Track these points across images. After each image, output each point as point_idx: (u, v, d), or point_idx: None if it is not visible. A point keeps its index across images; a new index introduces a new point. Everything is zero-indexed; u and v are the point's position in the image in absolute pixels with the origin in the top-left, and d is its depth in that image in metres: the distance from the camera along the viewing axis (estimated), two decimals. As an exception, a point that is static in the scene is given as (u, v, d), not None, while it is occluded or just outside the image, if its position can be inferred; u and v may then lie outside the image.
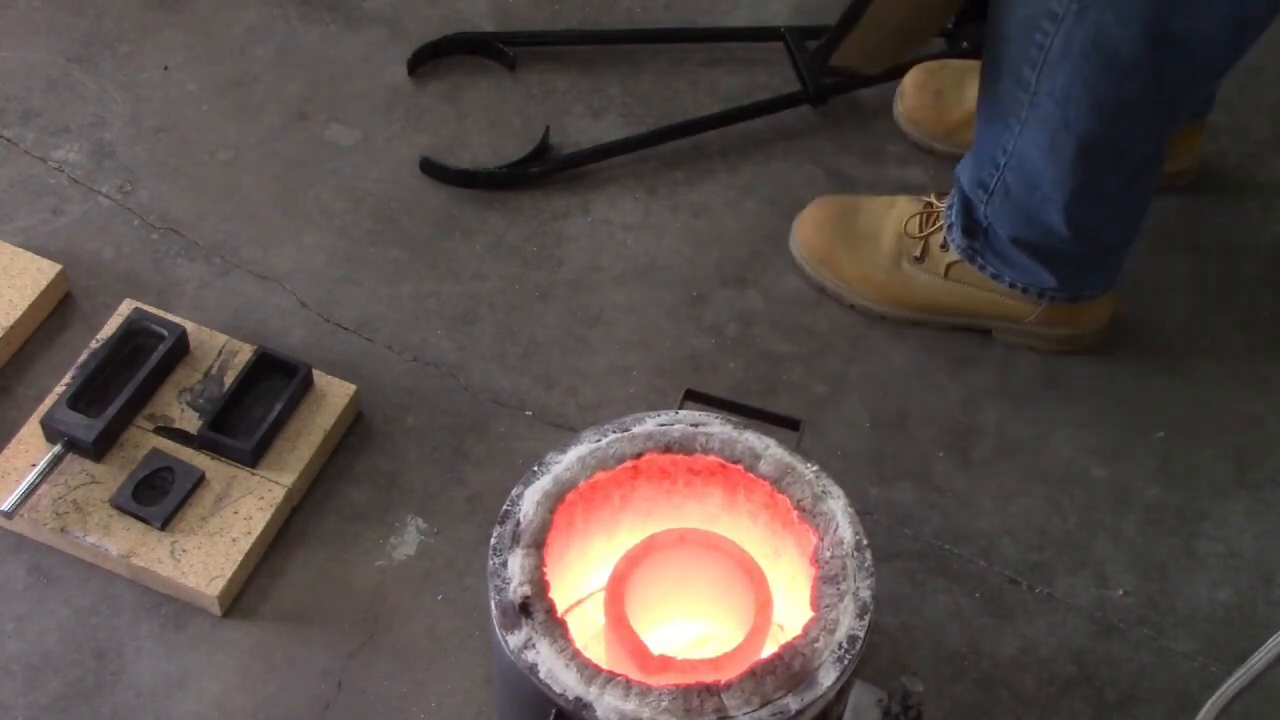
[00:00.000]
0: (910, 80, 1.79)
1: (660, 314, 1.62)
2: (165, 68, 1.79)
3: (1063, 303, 1.56)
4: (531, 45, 1.85)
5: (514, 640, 1.06)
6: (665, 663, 1.09)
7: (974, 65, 1.58)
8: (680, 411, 1.20)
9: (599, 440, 1.17)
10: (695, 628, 1.25)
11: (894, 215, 1.61)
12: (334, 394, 1.49)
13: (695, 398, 1.25)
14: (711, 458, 1.17)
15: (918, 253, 1.58)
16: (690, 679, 1.05)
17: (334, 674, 1.35)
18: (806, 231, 1.64)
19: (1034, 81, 1.36)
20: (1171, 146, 1.70)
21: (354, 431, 1.51)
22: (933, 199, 1.60)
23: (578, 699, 1.03)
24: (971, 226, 1.53)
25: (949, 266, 1.57)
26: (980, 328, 1.61)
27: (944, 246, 1.57)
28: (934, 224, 1.58)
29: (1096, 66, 1.31)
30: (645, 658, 1.09)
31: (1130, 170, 1.43)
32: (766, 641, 1.14)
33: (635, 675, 1.06)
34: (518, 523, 1.12)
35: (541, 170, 1.72)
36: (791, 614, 1.17)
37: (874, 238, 1.61)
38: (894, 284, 1.59)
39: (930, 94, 1.75)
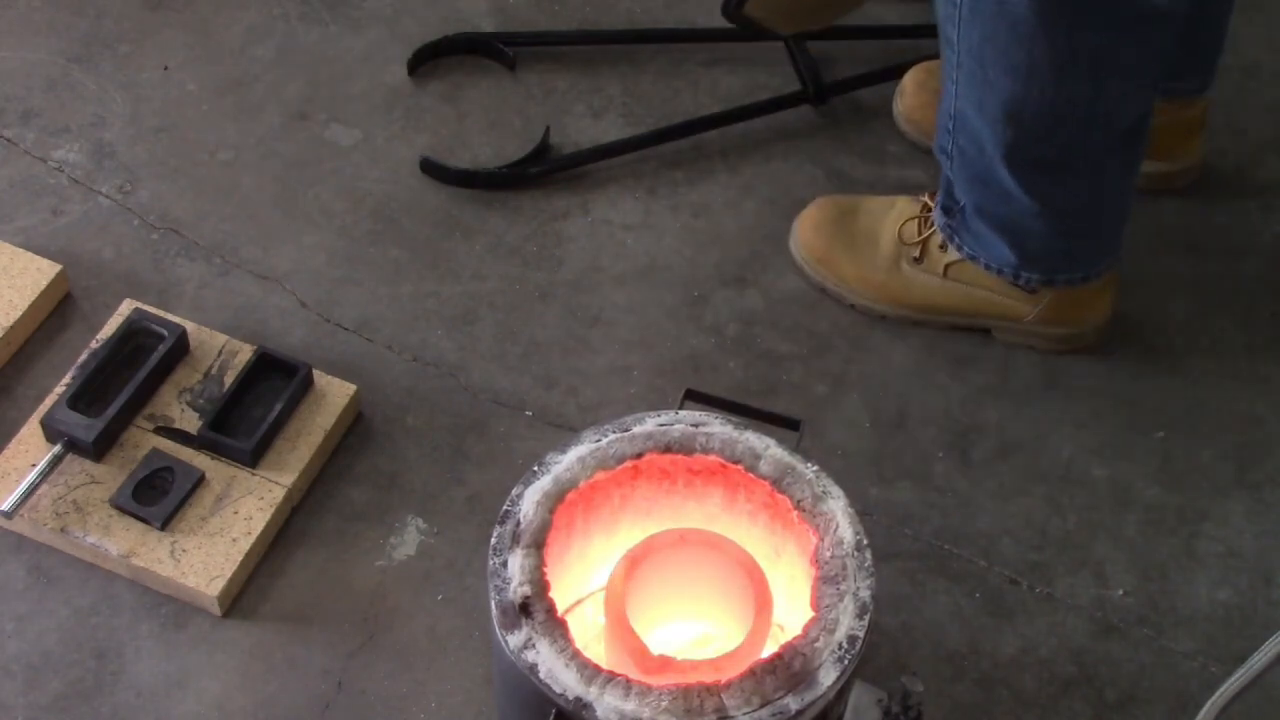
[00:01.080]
0: (910, 79, 1.79)
1: (660, 314, 1.62)
2: (165, 68, 1.79)
3: (1040, 285, 1.55)
4: (531, 45, 1.85)
5: (514, 640, 1.06)
6: (665, 663, 1.09)
7: None
8: (680, 411, 1.20)
9: (599, 440, 1.17)
10: (695, 628, 1.25)
11: (892, 216, 1.61)
12: (334, 394, 1.49)
13: (695, 398, 1.25)
14: (711, 458, 1.17)
15: (916, 253, 1.58)
16: (690, 679, 1.05)
17: (334, 674, 1.35)
18: (806, 232, 1.64)
19: (955, 39, 1.38)
20: (1171, 146, 1.70)
21: (354, 431, 1.51)
22: (928, 199, 1.60)
23: (578, 699, 1.03)
24: (949, 204, 1.54)
25: (947, 266, 1.57)
26: (980, 327, 1.61)
27: (942, 247, 1.57)
28: (931, 225, 1.58)
29: (1001, 25, 1.33)
30: (645, 658, 1.09)
31: (1067, 137, 1.42)
32: (766, 642, 1.14)
33: (635, 675, 1.06)
34: (518, 523, 1.12)
35: (541, 170, 1.72)
36: (791, 614, 1.17)
37: (873, 239, 1.61)
38: (893, 284, 1.60)
39: (930, 93, 1.75)
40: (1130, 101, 1.42)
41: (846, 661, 1.06)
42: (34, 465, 1.40)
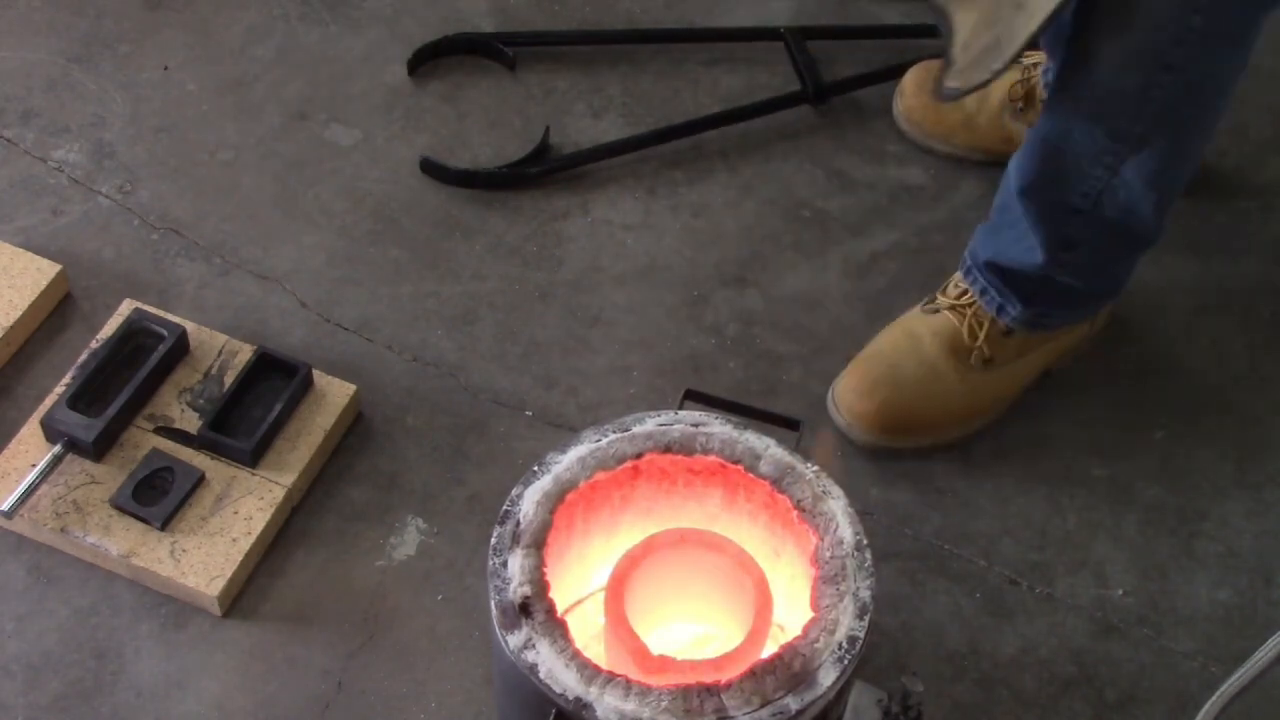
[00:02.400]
0: (910, 79, 1.79)
1: (660, 314, 1.62)
2: (165, 68, 1.79)
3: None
4: (531, 45, 1.85)
5: (514, 640, 1.06)
6: (665, 663, 1.09)
7: None
8: (680, 411, 1.20)
9: (599, 440, 1.17)
10: (695, 628, 1.25)
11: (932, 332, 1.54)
12: (334, 394, 1.49)
13: (695, 398, 1.25)
14: (711, 458, 1.16)
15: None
16: (690, 679, 1.05)
17: (334, 674, 1.35)
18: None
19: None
20: None
21: (354, 431, 1.51)
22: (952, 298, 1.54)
23: (578, 699, 1.03)
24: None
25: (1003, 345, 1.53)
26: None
27: (1004, 333, 1.52)
28: (981, 324, 1.52)
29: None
30: (645, 658, 1.09)
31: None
32: (766, 642, 1.14)
33: (635, 675, 1.06)
34: (518, 523, 1.12)
35: (541, 170, 1.72)
36: (791, 614, 1.17)
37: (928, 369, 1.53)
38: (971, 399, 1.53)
39: (930, 93, 1.75)
40: None
41: (846, 661, 1.06)
42: (34, 465, 1.40)
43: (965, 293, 1.52)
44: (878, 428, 1.50)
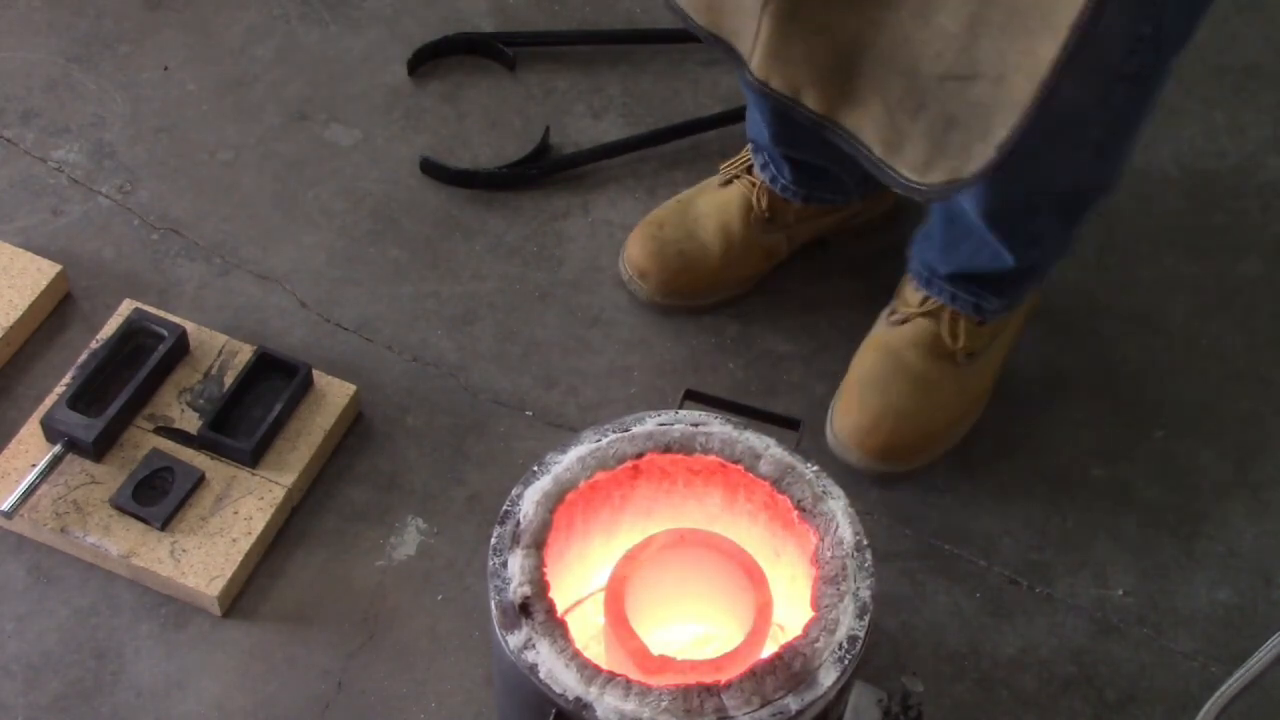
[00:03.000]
0: (638, 247, 1.66)
1: (660, 314, 1.62)
2: (165, 68, 1.79)
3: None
4: (531, 45, 1.85)
5: (514, 640, 1.06)
6: (665, 663, 1.09)
7: None
8: (680, 411, 1.20)
9: (599, 440, 1.17)
10: (695, 628, 1.25)
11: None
12: (334, 394, 1.49)
13: (695, 398, 1.25)
14: (711, 458, 1.16)
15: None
16: (690, 679, 1.05)
17: (334, 674, 1.35)
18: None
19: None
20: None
21: (354, 431, 1.51)
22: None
23: (578, 699, 1.03)
24: None
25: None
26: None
27: (980, 324, 1.51)
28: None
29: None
30: (645, 658, 1.09)
31: None
32: (766, 642, 1.14)
33: (635, 675, 1.06)
34: (518, 523, 1.12)
35: (541, 170, 1.72)
36: (791, 614, 1.17)
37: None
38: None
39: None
40: None
41: (846, 661, 1.06)
42: (34, 465, 1.40)
43: (928, 299, 1.50)
44: (892, 458, 1.48)
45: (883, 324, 1.54)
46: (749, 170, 1.62)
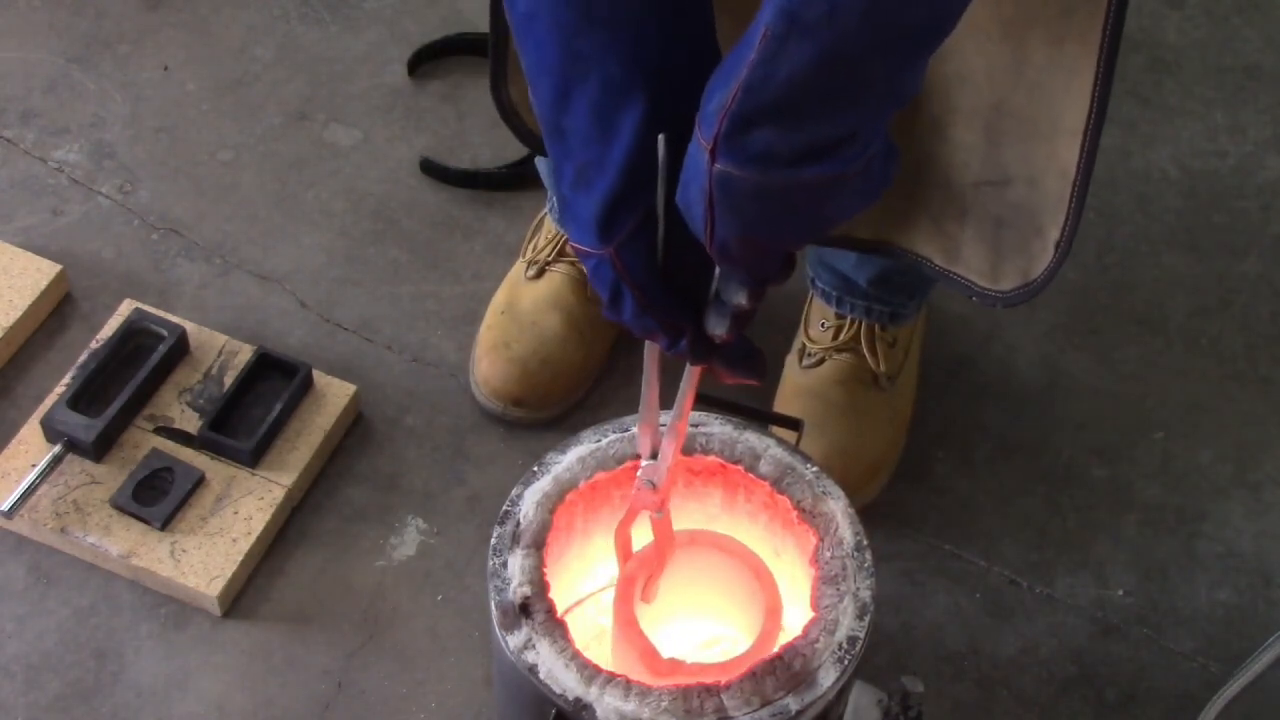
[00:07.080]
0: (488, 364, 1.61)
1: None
2: (165, 68, 1.79)
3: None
4: (531, 45, 1.85)
5: (514, 640, 1.06)
6: (676, 666, 1.08)
7: None
8: (680, 412, 1.20)
9: (599, 440, 1.17)
10: (703, 630, 1.25)
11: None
12: (334, 394, 1.49)
13: (695, 397, 1.25)
14: (711, 458, 1.16)
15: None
16: (692, 680, 1.05)
17: (334, 674, 1.35)
18: None
19: None
20: None
21: (354, 432, 1.51)
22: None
23: (578, 699, 1.03)
24: None
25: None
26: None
27: (890, 344, 1.47)
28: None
29: None
30: (656, 661, 1.09)
31: None
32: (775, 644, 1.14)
33: (635, 676, 1.06)
34: (518, 523, 1.12)
35: (541, 170, 1.72)
36: (791, 614, 1.17)
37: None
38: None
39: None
40: None
41: (846, 662, 1.06)
42: (34, 465, 1.40)
43: (840, 325, 1.45)
44: (859, 497, 1.39)
45: (794, 370, 1.47)
46: (560, 253, 1.51)
